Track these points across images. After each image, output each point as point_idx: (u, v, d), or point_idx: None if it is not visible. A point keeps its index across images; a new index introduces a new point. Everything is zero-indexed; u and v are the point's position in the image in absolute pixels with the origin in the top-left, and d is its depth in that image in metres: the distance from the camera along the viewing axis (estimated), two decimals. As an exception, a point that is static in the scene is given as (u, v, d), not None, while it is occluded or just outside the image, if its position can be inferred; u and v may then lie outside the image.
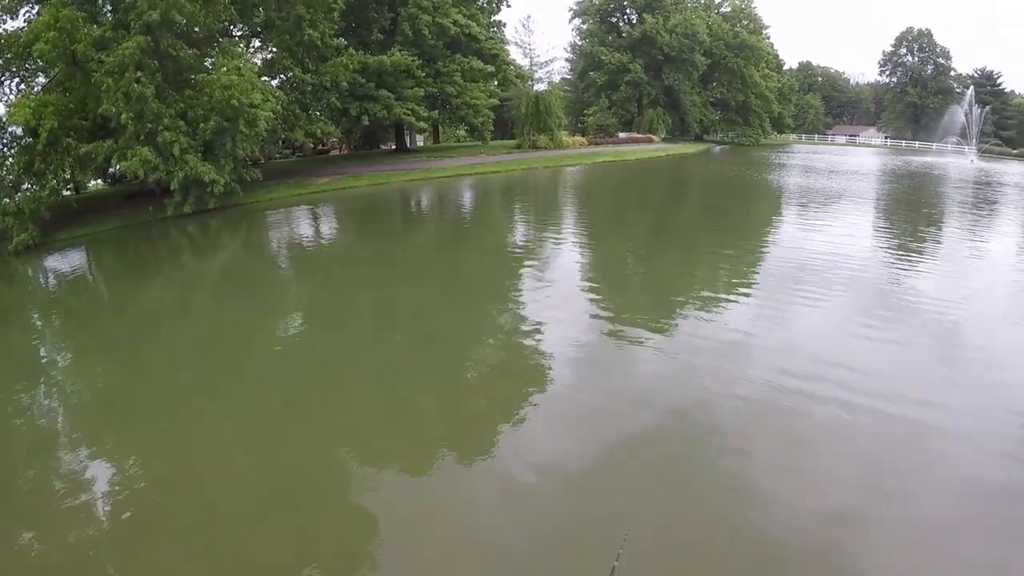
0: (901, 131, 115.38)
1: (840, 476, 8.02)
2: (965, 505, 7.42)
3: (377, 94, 48.72)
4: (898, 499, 7.51)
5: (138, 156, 30.88)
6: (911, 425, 8.98)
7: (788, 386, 10.19)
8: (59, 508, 8.30)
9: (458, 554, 7.06)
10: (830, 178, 46.25)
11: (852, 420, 9.11)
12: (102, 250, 29.60)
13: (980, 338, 12.43)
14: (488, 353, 13.03)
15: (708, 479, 8.05)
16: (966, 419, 9.16)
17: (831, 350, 11.74)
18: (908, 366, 11.05)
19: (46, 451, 10.08)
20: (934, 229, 25.09)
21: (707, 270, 18.37)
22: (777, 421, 9.27)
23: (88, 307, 20.41)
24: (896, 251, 20.44)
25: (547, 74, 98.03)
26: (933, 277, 17.04)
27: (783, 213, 30.64)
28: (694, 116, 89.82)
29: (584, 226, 28.81)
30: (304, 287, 20.41)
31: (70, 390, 13.05)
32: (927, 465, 8.21)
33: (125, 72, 30.12)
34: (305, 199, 39.96)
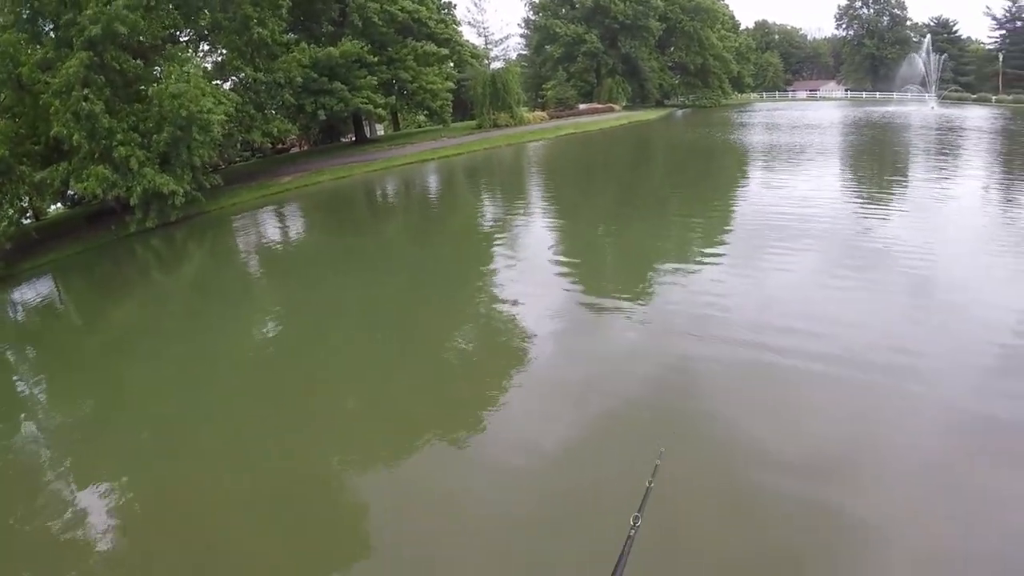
0: (861, 83, 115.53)
1: (824, 423, 8.17)
2: (950, 441, 7.60)
3: (331, 87, 48.34)
4: (884, 440, 7.67)
5: (94, 175, 30.41)
6: (890, 369, 9.07)
7: (766, 342, 10.29)
8: (54, 530, 8.44)
9: (453, 538, 7.13)
10: (793, 133, 46.32)
11: (831, 370, 9.22)
12: (69, 275, 29.17)
13: (950, 280, 12.56)
14: (467, 337, 13.14)
15: (694, 439, 8.10)
16: (943, 358, 9.35)
17: (806, 304, 11.89)
18: (882, 313, 11.15)
19: (37, 479, 10.11)
20: (899, 177, 25.17)
21: (677, 235, 18.52)
22: (758, 377, 9.37)
23: (63, 335, 20.16)
24: (863, 202, 20.50)
25: (503, 51, 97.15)
26: (901, 225, 17.05)
27: (749, 172, 30.69)
28: (653, 82, 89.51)
29: (551, 200, 28.86)
30: (276, 289, 20.31)
31: (54, 418, 13.09)
32: (909, 407, 8.29)
33: (72, 91, 29.57)
34: (269, 200, 39.58)
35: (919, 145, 36.26)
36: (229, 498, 8.59)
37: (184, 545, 7.75)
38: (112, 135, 30.81)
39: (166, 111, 32.24)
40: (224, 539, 7.75)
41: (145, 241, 32.27)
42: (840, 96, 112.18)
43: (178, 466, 9.63)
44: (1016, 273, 12.65)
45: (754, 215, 19.62)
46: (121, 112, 32.31)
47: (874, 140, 40.20)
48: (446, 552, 6.92)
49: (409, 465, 8.62)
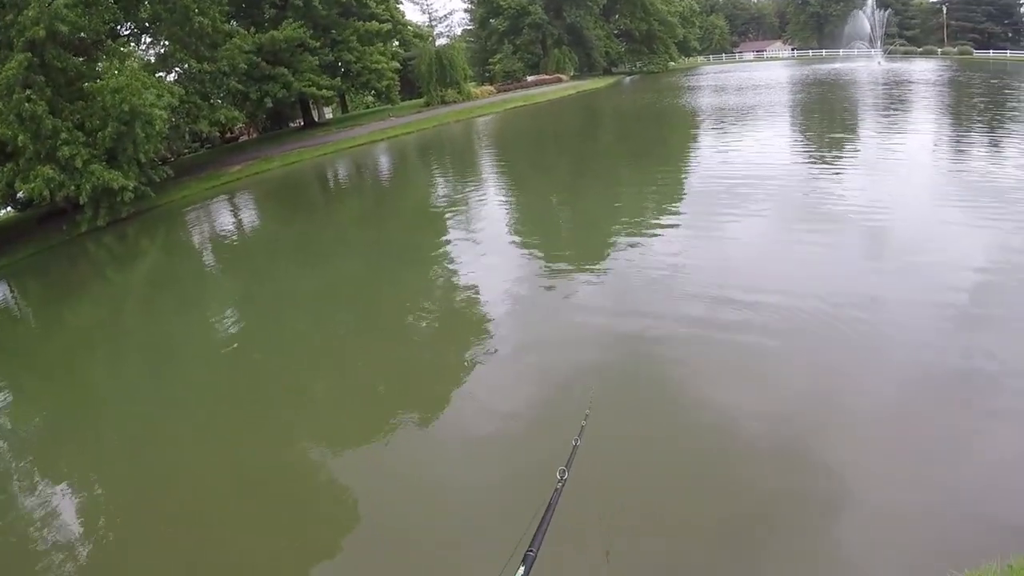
0: (807, 41, 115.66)
1: (789, 378, 8.43)
2: (910, 392, 7.82)
3: (274, 72, 48.24)
4: (849, 393, 7.93)
5: (40, 176, 30.24)
6: (848, 324, 9.35)
7: (728, 303, 10.57)
8: (27, 531, 8.63)
9: (429, 508, 7.39)
10: (740, 94, 46.62)
11: (790, 326, 9.52)
12: (23, 279, 29.03)
13: (904, 236, 12.88)
14: (426, 314, 13.46)
15: (660, 397, 8.48)
16: (902, 309, 9.63)
17: (761, 264, 12.24)
18: (838, 270, 11.42)
19: (6, 483, 10.24)
20: (848, 135, 25.49)
21: (631, 202, 18.72)
22: (721, 336, 9.58)
23: (21, 340, 20.04)
24: (813, 160, 20.81)
25: (447, 28, 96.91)
26: (852, 183, 17.38)
27: (699, 136, 30.78)
28: (600, 51, 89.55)
29: (504, 174, 29.23)
30: (233, 280, 20.56)
31: (20, 422, 13.04)
32: (867, 360, 8.54)
33: (13, 93, 29.30)
34: (219, 190, 39.47)
35: (867, 101, 36.77)
36: (203, 489, 8.76)
37: (160, 536, 7.94)
38: (56, 135, 30.59)
39: (108, 107, 32.04)
40: (200, 528, 7.94)
41: (97, 239, 32.20)
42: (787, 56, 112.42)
43: (148, 460, 9.76)
44: (968, 228, 12.80)
45: (706, 179, 19.87)
46: (64, 111, 32.08)
47: (822, 98, 40.64)
48: (397, 525, 7.24)
49: (375, 442, 8.92)
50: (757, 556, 6.00)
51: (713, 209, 15.95)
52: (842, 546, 5.88)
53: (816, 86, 48.18)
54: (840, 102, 37.85)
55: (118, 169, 32.76)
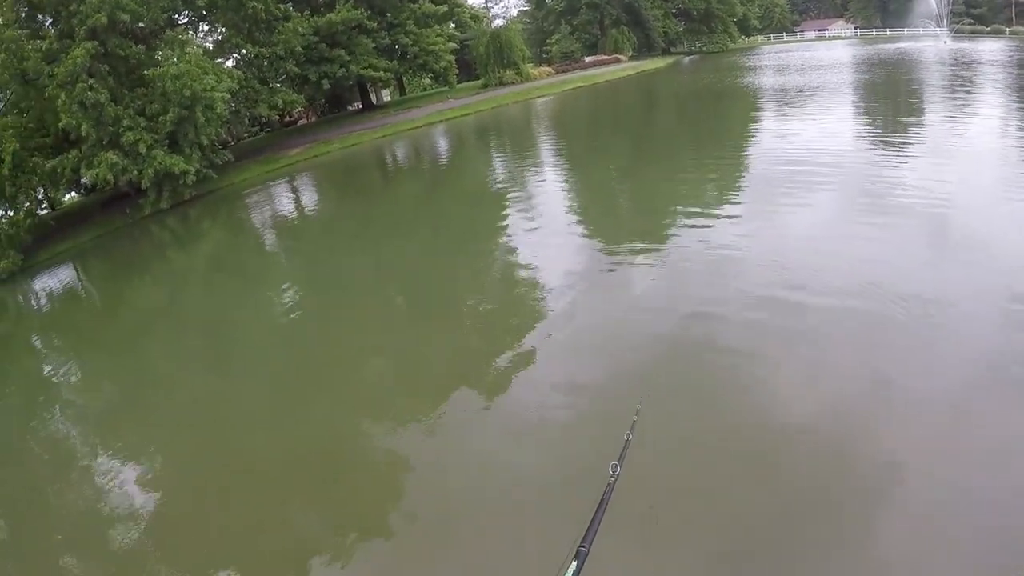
0: (870, 20, 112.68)
1: (842, 375, 8.03)
2: (973, 394, 7.33)
3: (332, 55, 48.14)
4: (904, 393, 7.48)
5: (104, 162, 30.84)
6: (910, 314, 8.96)
7: (785, 296, 10.14)
8: (88, 499, 9.03)
9: (475, 492, 7.32)
10: (803, 75, 45.14)
11: (850, 324, 9.08)
12: (88, 261, 29.70)
13: (968, 225, 12.02)
14: (485, 296, 13.25)
15: (712, 391, 8.14)
16: (964, 301, 9.13)
17: (822, 256, 11.55)
18: (899, 258, 10.85)
19: (72, 462, 10.57)
20: (914, 118, 24.38)
21: (692, 187, 17.95)
22: (777, 330, 9.21)
23: (88, 319, 20.63)
24: (877, 145, 19.71)
25: (503, 9, 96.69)
26: (918, 165, 16.33)
27: (760, 118, 29.80)
28: (658, 30, 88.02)
29: (563, 155, 28.64)
30: (293, 260, 20.55)
31: (85, 397, 13.54)
32: (931, 352, 8.16)
33: (77, 81, 29.86)
34: (280, 173, 39.78)
35: (933, 82, 35.25)
36: (261, 464, 8.79)
37: (219, 510, 8.05)
38: (119, 121, 31.21)
39: (169, 93, 32.51)
40: (258, 503, 7.96)
41: (160, 222, 32.70)
42: (850, 35, 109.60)
43: (209, 436, 9.97)
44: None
45: (766, 163, 18.92)
46: (125, 98, 32.60)
47: (886, 79, 39.12)
48: (447, 507, 7.18)
49: (426, 425, 8.77)
50: (802, 552, 5.83)
51: (773, 196, 15.22)
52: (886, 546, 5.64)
53: (880, 66, 46.52)
54: (905, 83, 36.22)
55: (179, 154, 33.26)
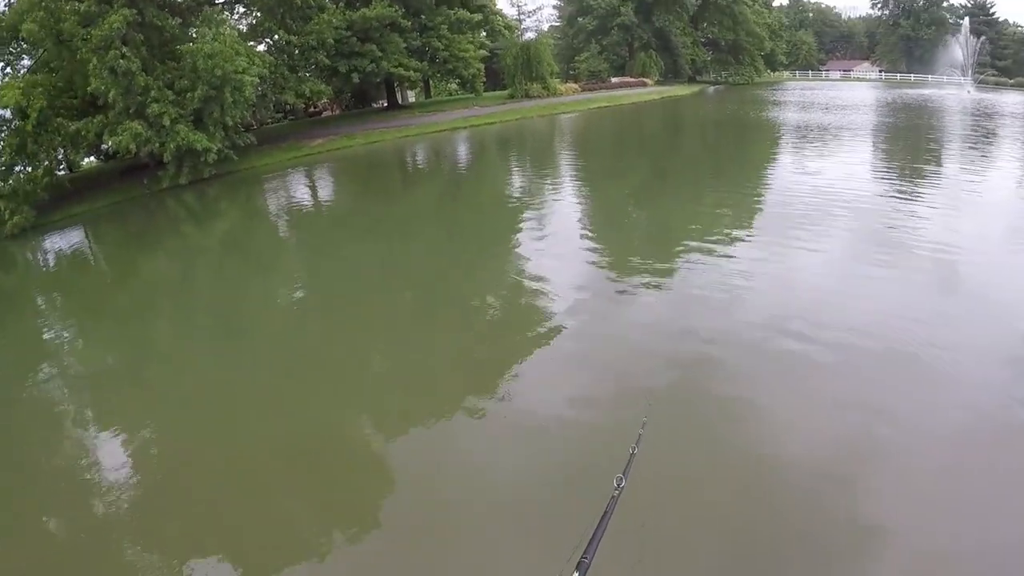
0: (895, 64, 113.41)
1: (841, 414, 8.01)
2: (966, 445, 7.37)
3: (363, 49, 48.06)
4: (901, 435, 7.50)
5: (128, 130, 30.89)
6: (912, 364, 8.93)
7: (790, 328, 10.18)
8: (85, 471, 8.80)
9: (468, 500, 7.25)
10: (826, 113, 45.48)
11: (850, 356, 9.13)
12: (101, 226, 29.70)
13: (978, 276, 12.20)
14: (490, 304, 13.22)
15: (711, 417, 8.14)
16: (968, 357, 9.08)
17: (829, 291, 11.68)
18: (907, 304, 10.88)
19: (65, 426, 10.47)
20: (933, 164, 24.46)
21: (706, 214, 18.04)
22: (778, 362, 9.26)
23: (93, 283, 20.58)
24: (894, 188, 19.73)
25: (535, 23, 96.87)
26: (933, 214, 16.46)
27: (781, 153, 29.99)
28: (686, 57, 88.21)
29: (582, 173, 28.50)
30: (305, 250, 20.44)
31: (84, 365, 13.33)
32: (928, 405, 8.11)
33: (110, 48, 29.91)
34: (300, 162, 39.79)
35: (954, 131, 35.38)
36: (251, 450, 8.75)
37: (203, 492, 7.95)
38: (147, 92, 31.23)
39: (200, 70, 32.56)
40: (243, 488, 7.91)
41: (177, 196, 32.72)
42: (874, 77, 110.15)
43: (202, 417, 9.89)
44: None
45: (782, 198, 18.98)
46: (156, 70, 32.65)
47: (908, 124, 39.32)
48: (447, 513, 7.11)
49: (427, 426, 8.75)
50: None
51: (785, 231, 15.25)
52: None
53: (903, 111, 46.81)
54: (927, 130, 36.42)
55: (203, 131, 33.30)
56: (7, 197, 29.79)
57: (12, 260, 26.75)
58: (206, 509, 7.65)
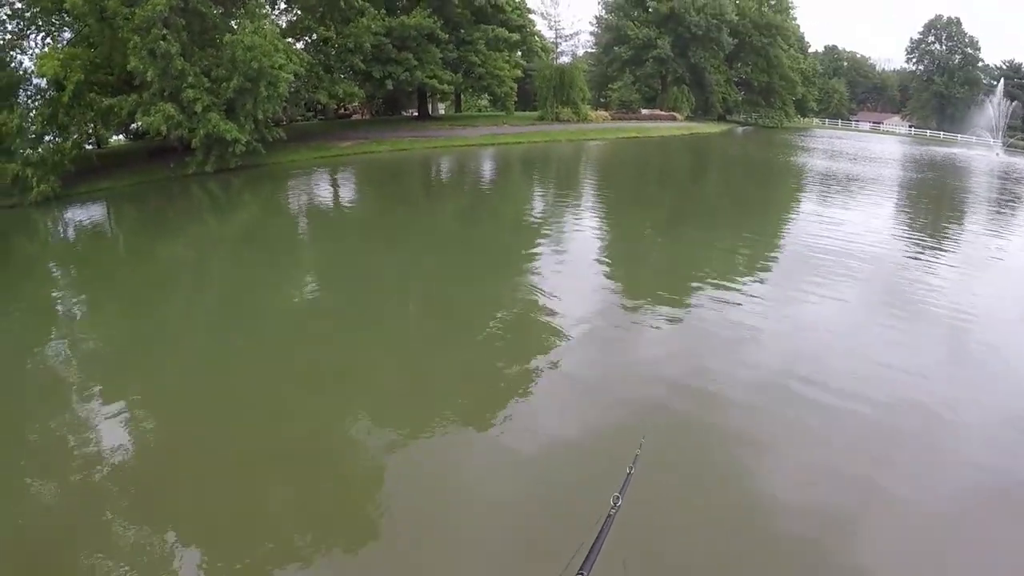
0: (926, 120, 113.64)
1: (841, 468, 7.96)
2: (965, 505, 7.34)
3: (399, 57, 48.36)
4: (898, 495, 7.47)
5: (161, 112, 31.03)
6: (917, 421, 8.94)
7: (796, 372, 10.21)
8: (73, 454, 8.54)
9: (466, 514, 7.24)
10: (854, 163, 45.75)
11: (856, 411, 9.09)
12: (123, 204, 29.74)
13: (993, 339, 12.16)
14: (501, 323, 13.05)
15: (707, 462, 8.09)
16: (972, 417, 9.11)
17: (841, 344, 11.64)
18: (916, 363, 10.84)
19: (63, 399, 10.26)
20: (955, 224, 24.56)
21: (722, 256, 18.00)
22: (782, 411, 9.22)
23: (107, 260, 20.52)
24: (916, 245, 19.88)
25: (571, 47, 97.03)
26: (951, 274, 16.63)
27: (805, 199, 30.09)
28: (718, 95, 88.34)
29: (605, 202, 28.56)
30: (324, 251, 20.37)
31: (87, 341, 13.21)
32: (930, 462, 8.17)
33: (152, 29, 30.05)
34: (327, 162, 39.89)
35: (980, 193, 35.53)
36: (243, 447, 8.68)
37: (194, 483, 7.86)
38: (183, 77, 31.35)
39: (238, 61, 32.74)
40: (228, 487, 7.80)
41: (201, 183, 32.81)
42: (903, 132, 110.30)
43: (196, 408, 9.76)
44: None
45: (800, 246, 19.01)
46: (195, 56, 32.82)
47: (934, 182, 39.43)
48: (442, 528, 7.05)
49: (424, 440, 8.66)
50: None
51: (800, 279, 15.27)
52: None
53: (931, 168, 47.03)
54: (952, 189, 36.63)
55: (234, 121, 33.36)
56: (35, 165, 29.88)
57: (34, 227, 26.83)
58: (193, 504, 7.51)
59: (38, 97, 33.08)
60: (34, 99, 33.18)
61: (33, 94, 33.40)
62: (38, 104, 32.64)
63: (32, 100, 33.20)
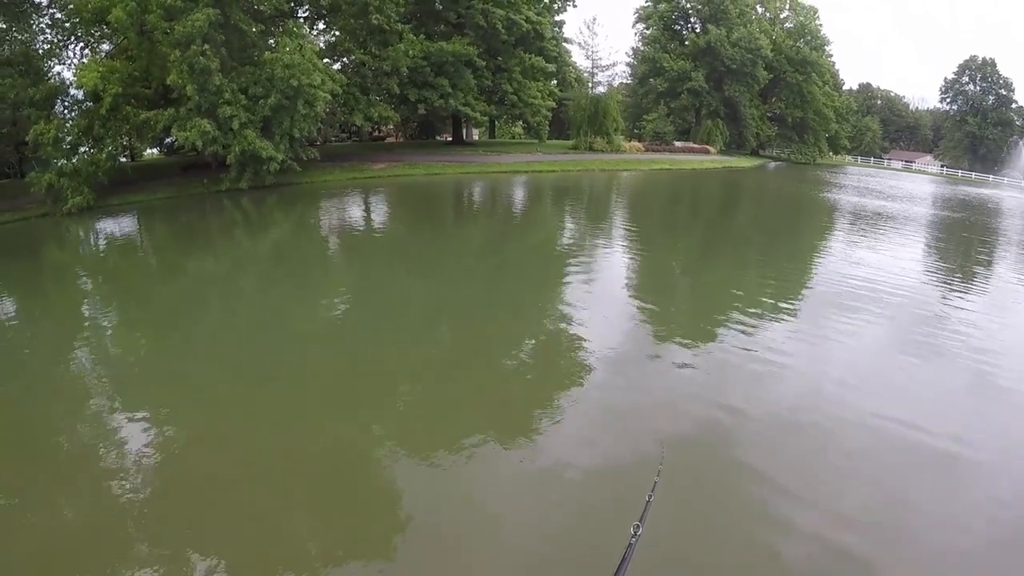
0: (958, 160, 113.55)
1: (860, 503, 7.83)
2: (992, 544, 7.22)
3: (436, 82, 48.46)
4: (918, 531, 7.45)
5: (197, 127, 31.14)
6: (936, 454, 8.93)
7: (818, 406, 10.25)
8: (93, 465, 8.46)
9: (485, 539, 7.18)
10: (886, 201, 45.63)
11: (878, 449, 9.01)
12: (155, 218, 29.80)
13: (1017, 379, 11.91)
14: (526, 351, 12.85)
15: (725, 493, 7.97)
16: (993, 457, 9.05)
17: (863, 378, 11.51)
18: (939, 402, 10.82)
19: (85, 409, 10.29)
20: (983, 266, 24.17)
21: (751, 289, 17.79)
22: (802, 444, 9.24)
23: (136, 273, 20.58)
24: (942, 284, 19.72)
25: (608, 77, 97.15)
26: (978, 311, 16.55)
27: (834, 236, 29.81)
28: (751, 130, 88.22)
29: (636, 234, 27.94)
30: (353, 272, 20.15)
31: (111, 352, 13.12)
32: (947, 495, 8.07)
33: (192, 44, 30.19)
34: (361, 184, 39.94)
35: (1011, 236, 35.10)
36: (261, 461, 8.58)
37: (213, 498, 7.77)
38: (221, 93, 31.43)
39: (276, 79, 32.90)
40: (248, 503, 7.69)
41: (234, 200, 32.82)
42: (935, 171, 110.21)
43: (223, 421, 9.74)
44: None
45: (829, 281, 18.86)
46: (233, 72, 32.86)
47: (964, 222, 39.14)
48: (461, 553, 6.90)
49: (446, 462, 8.50)
50: None
51: (827, 314, 15.09)
52: None
53: (961, 208, 46.77)
54: (982, 231, 36.21)
55: (270, 139, 33.50)
56: (69, 175, 30.05)
57: (66, 236, 26.93)
58: (212, 518, 7.44)
59: (75, 108, 33.31)
60: (71, 110, 33.38)
61: (70, 105, 33.62)
62: (75, 115, 32.83)
63: (69, 111, 33.40)
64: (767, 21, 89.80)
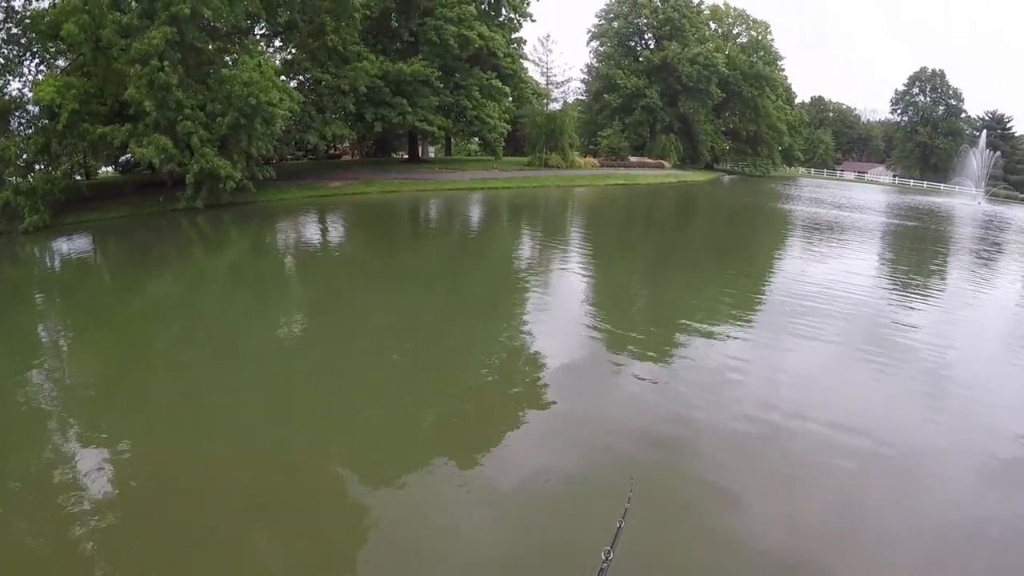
0: (910, 170, 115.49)
1: (819, 512, 8.04)
2: (944, 548, 7.45)
3: (393, 101, 48.79)
4: (876, 536, 7.50)
5: (155, 143, 31.09)
6: (895, 464, 9.03)
7: (775, 419, 10.26)
8: (48, 492, 8.21)
9: (444, 558, 7.12)
10: (837, 212, 46.47)
11: (835, 457, 9.15)
12: (111, 237, 29.66)
13: (971, 380, 12.45)
14: (483, 367, 12.98)
15: (687, 507, 8.05)
16: (951, 460, 9.31)
17: (819, 386, 11.81)
18: (894, 406, 11.07)
19: (41, 434, 9.96)
20: (936, 269, 25.04)
21: (706, 301, 18.10)
22: (761, 455, 9.27)
23: (93, 293, 20.27)
24: (895, 290, 20.24)
25: (562, 94, 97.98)
26: (930, 317, 16.96)
27: (788, 245, 30.61)
28: (706, 144, 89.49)
29: (591, 248, 28.39)
30: (309, 290, 20.20)
31: (67, 374, 12.87)
32: (908, 506, 8.18)
33: (149, 61, 30.22)
34: (317, 202, 40.04)
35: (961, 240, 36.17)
36: (222, 484, 8.50)
37: (167, 520, 7.67)
38: (180, 109, 31.52)
39: (234, 97, 32.97)
40: (205, 523, 7.67)
41: (190, 218, 32.73)
42: (887, 181, 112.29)
43: (179, 442, 9.56)
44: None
45: (784, 290, 19.34)
46: (191, 90, 32.95)
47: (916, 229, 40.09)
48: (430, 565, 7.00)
49: (404, 481, 8.50)
50: None
51: (783, 322, 15.46)
52: None
53: (913, 216, 47.81)
54: (934, 237, 37.39)
55: (227, 158, 33.54)
56: (26, 194, 29.88)
57: (21, 256, 26.80)
58: (171, 540, 7.34)
59: (30, 125, 33.18)
60: (26, 127, 33.28)
61: (25, 122, 33.51)
62: (31, 132, 32.70)
63: (24, 128, 33.30)
64: (719, 37, 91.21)
